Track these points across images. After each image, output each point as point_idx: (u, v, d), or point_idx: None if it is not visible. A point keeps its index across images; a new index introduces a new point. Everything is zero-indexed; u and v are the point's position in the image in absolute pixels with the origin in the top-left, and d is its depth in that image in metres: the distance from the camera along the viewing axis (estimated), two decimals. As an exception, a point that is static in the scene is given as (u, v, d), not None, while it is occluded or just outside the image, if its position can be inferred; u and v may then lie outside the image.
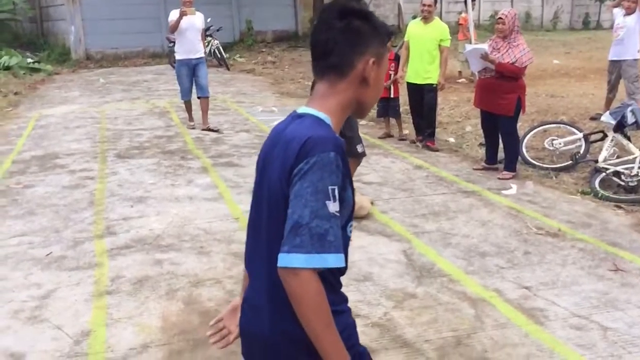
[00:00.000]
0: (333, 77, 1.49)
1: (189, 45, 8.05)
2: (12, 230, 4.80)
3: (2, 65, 14.32)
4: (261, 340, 1.50)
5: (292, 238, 1.31)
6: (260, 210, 1.51)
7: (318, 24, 1.50)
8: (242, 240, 4.47)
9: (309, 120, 1.46)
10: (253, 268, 1.57)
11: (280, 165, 1.41)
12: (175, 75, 8.63)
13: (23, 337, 3.25)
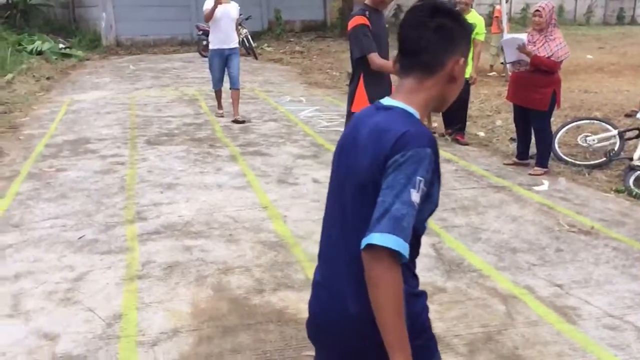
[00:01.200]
0: (421, 74, 1.53)
1: (223, 35, 8.00)
2: (45, 213, 4.88)
3: (35, 50, 14.55)
4: (340, 323, 1.53)
5: (376, 224, 1.35)
6: (341, 196, 1.55)
7: (409, 21, 1.54)
8: (270, 229, 4.52)
9: (400, 112, 1.51)
10: (331, 252, 1.60)
11: (372, 153, 1.45)
12: (207, 64, 8.64)
13: (56, 318, 3.31)
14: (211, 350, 3.02)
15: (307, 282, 3.70)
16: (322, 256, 1.65)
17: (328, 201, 1.65)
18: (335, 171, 1.62)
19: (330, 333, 1.57)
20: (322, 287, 1.62)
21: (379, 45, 4.16)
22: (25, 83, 11.13)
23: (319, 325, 1.63)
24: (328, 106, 9.33)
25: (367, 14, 4.15)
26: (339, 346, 1.56)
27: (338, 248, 1.55)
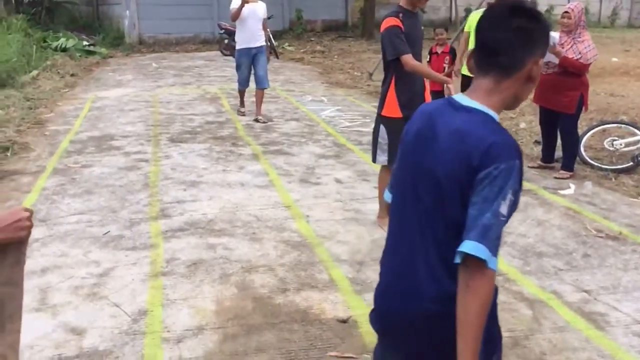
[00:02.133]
0: (500, 75, 1.53)
1: (250, 34, 7.98)
2: (71, 208, 4.94)
3: (60, 47, 14.73)
4: (414, 318, 1.57)
5: (478, 235, 1.40)
6: (416, 193, 1.57)
7: (490, 21, 1.55)
8: (293, 229, 4.52)
9: (481, 116, 1.52)
10: (404, 248, 1.62)
11: (456, 158, 1.48)
12: (229, 63, 8.66)
13: (83, 313, 3.34)
14: (236, 348, 3.02)
15: (331, 283, 3.70)
16: (393, 251, 1.67)
17: (397, 195, 1.67)
18: (406, 166, 1.63)
19: (402, 328, 1.62)
20: (394, 284, 1.65)
21: (412, 47, 4.11)
22: (50, 79, 11.27)
23: (390, 320, 1.66)
24: (349, 106, 9.32)
25: (400, 15, 4.11)
26: (410, 341, 1.62)
27: (412, 244, 1.58)
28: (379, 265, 3.85)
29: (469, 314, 1.41)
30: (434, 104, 1.64)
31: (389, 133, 4.31)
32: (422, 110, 1.65)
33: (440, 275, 1.52)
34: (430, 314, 1.54)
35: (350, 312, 3.34)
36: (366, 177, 5.75)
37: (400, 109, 4.23)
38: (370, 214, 4.77)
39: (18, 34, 12.77)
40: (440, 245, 1.52)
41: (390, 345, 1.72)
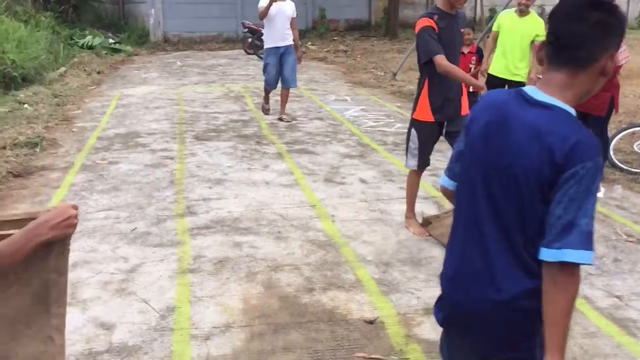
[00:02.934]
0: (575, 69, 1.52)
1: (278, 33, 7.88)
2: (99, 204, 5.00)
3: (86, 45, 14.93)
4: (483, 311, 1.60)
5: (564, 235, 1.43)
6: (487, 188, 1.58)
7: (566, 15, 1.52)
8: (319, 228, 4.52)
9: (561, 114, 1.51)
10: (473, 242, 1.63)
11: (536, 155, 1.48)
12: (251, 61, 8.66)
13: (112, 308, 3.38)
14: (263, 347, 3.03)
15: (357, 283, 3.69)
16: (461, 244, 1.68)
17: (463, 186, 1.68)
18: (475, 158, 1.63)
19: (471, 322, 1.65)
20: (462, 277, 1.66)
21: (445, 49, 4.01)
22: (77, 77, 11.42)
23: (459, 313, 1.69)
24: (373, 106, 9.29)
25: (435, 17, 4.03)
26: (477, 334, 1.65)
27: (483, 238, 1.59)
28: (405, 267, 3.86)
29: (558, 309, 1.46)
30: (502, 96, 1.63)
31: (419, 137, 4.27)
32: (490, 102, 1.64)
33: (513, 269, 1.54)
34: (501, 308, 1.56)
35: (376, 313, 3.33)
36: (391, 178, 5.73)
37: (432, 113, 4.17)
38: (395, 215, 4.75)
39: (46, 31, 12.95)
40: (514, 240, 1.54)
41: (455, 338, 1.75)
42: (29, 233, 1.42)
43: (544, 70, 1.59)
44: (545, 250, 1.46)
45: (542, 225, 1.48)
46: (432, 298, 3.46)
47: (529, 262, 1.52)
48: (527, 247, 1.52)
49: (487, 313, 1.59)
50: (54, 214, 1.48)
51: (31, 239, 1.42)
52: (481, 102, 1.70)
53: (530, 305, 1.53)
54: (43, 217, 1.47)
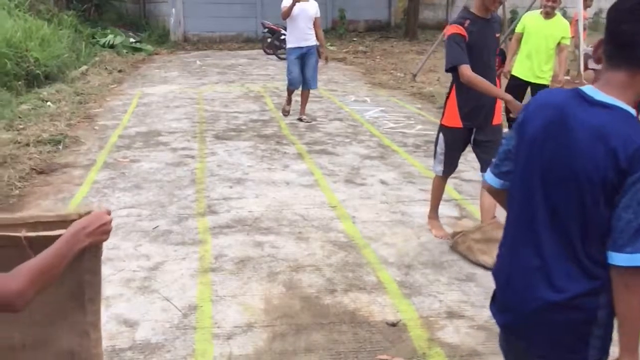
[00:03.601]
0: (634, 68, 1.50)
1: (300, 33, 7.79)
2: (121, 202, 5.03)
3: (107, 44, 15.07)
4: (540, 313, 1.60)
5: (636, 240, 1.43)
6: (545, 189, 1.57)
7: (622, 14, 1.50)
8: (340, 229, 4.50)
9: (623, 115, 1.50)
10: (529, 244, 1.62)
11: (602, 157, 1.46)
12: (271, 61, 8.64)
13: (135, 306, 3.40)
14: (285, 347, 3.02)
15: (379, 285, 3.67)
16: (517, 244, 1.67)
17: (518, 187, 1.67)
18: (532, 159, 1.61)
19: (527, 323, 1.65)
20: (518, 278, 1.66)
21: (477, 56, 3.84)
22: (99, 75, 11.53)
23: (515, 314, 1.69)
24: (393, 107, 9.26)
25: (466, 22, 3.84)
26: (534, 336, 1.65)
27: (540, 240, 1.59)
28: (427, 269, 3.84)
29: (631, 311, 1.47)
30: (558, 96, 1.61)
31: (446, 143, 4.19)
32: (547, 102, 1.62)
33: (572, 271, 1.54)
34: (559, 308, 1.57)
35: (399, 316, 3.31)
36: (412, 180, 5.70)
37: (461, 120, 4.05)
38: (416, 217, 4.73)
39: (68, 30, 13.10)
40: (572, 242, 1.53)
41: (511, 338, 1.76)
42: (69, 243, 1.42)
43: (602, 70, 1.57)
44: (616, 255, 1.46)
45: (605, 228, 1.48)
46: (455, 301, 3.46)
47: (588, 264, 1.52)
48: (586, 249, 1.52)
49: (543, 313, 1.60)
50: (89, 220, 1.48)
51: (71, 247, 1.42)
52: (534, 102, 1.67)
53: (589, 306, 1.54)
54: (80, 224, 1.46)
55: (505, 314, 1.74)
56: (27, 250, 1.44)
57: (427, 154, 6.57)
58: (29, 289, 1.32)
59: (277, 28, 14.94)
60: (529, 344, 1.69)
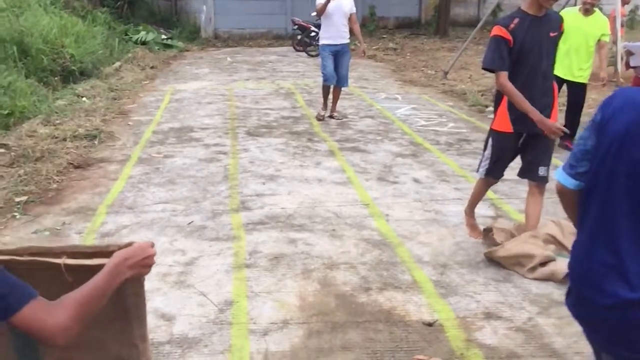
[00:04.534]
0: None
1: (334, 31, 7.70)
2: (156, 197, 5.09)
3: (140, 40, 15.25)
4: (617, 309, 1.58)
5: None
6: (631, 186, 1.56)
7: None
8: (373, 227, 4.49)
9: None
10: (609, 240, 1.61)
11: None
12: (301, 58, 8.59)
13: (172, 300, 3.43)
14: (321, 345, 3.02)
15: (414, 284, 3.64)
16: (594, 240, 1.66)
17: (592, 187, 1.65)
18: (616, 161, 1.59)
19: (601, 318, 1.64)
20: (596, 273, 1.64)
21: (524, 60, 3.64)
22: (132, 71, 11.68)
23: (591, 309, 1.67)
24: (425, 105, 9.18)
25: (513, 23, 3.62)
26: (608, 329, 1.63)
27: (620, 237, 1.58)
28: (462, 269, 3.79)
29: None
30: None
31: (494, 147, 3.99)
32: (629, 101, 1.59)
33: None
34: (633, 306, 1.55)
35: (435, 316, 3.28)
36: (445, 178, 5.64)
37: (512, 124, 3.83)
38: (451, 216, 4.68)
39: (102, 27, 13.29)
40: None
41: (588, 332, 1.75)
42: (111, 274, 1.41)
43: None
44: None
45: None
46: (492, 302, 3.42)
47: None
48: None
49: (618, 310, 1.58)
50: (133, 252, 1.46)
51: (113, 279, 1.41)
52: (616, 101, 1.63)
53: None
54: (123, 255, 1.44)
55: (580, 308, 1.73)
56: (66, 277, 1.44)
57: (460, 153, 6.51)
58: (74, 323, 1.28)
59: (307, 25, 14.95)
60: (600, 340, 1.69)
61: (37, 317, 1.22)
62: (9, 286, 1.26)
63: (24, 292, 1.27)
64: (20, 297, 1.25)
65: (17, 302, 1.24)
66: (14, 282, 1.27)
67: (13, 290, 1.26)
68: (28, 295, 1.27)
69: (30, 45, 9.17)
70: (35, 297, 1.26)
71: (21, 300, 1.25)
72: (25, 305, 1.23)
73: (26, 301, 1.25)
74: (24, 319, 1.23)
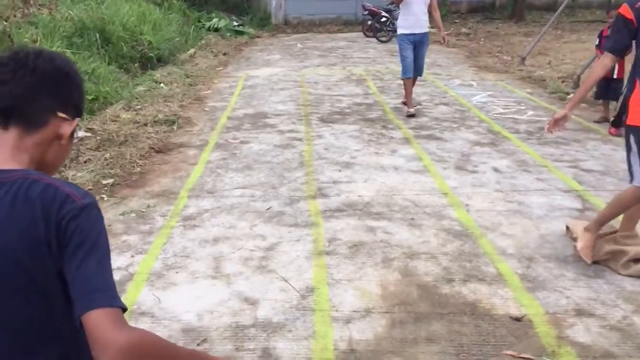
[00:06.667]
0: None
1: (413, 19, 7.30)
2: (234, 182, 5.17)
3: (212, 27, 15.53)
4: None
5: None
6: None
7: None
8: (453, 217, 4.38)
9: None
10: None
11: None
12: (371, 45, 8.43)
13: (254, 284, 3.47)
14: (405, 335, 2.98)
15: (499, 277, 3.53)
16: None
17: None
18: None
19: None
20: None
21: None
22: (205, 58, 11.91)
23: None
24: (502, 92, 8.89)
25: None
26: None
27: None
28: (550, 263, 3.65)
29: None
30: None
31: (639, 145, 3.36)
32: None
33: None
34: None
35: (523, 311, 3.17)
36: (527, 168, 5.44)
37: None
38: (535, 208, 4.51)
39: (177, 14, 13.61)
40: None
41: None
42: (193, 357, 1.28)
43: None
44: None
45: None
46: (583, 299, 3.27)
47: None
48: None
49: None
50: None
51: None
52: None
53: None
54: None
55: None
56: None
57: (541, 142, 6.26)
58: (130, 351, 1.06)
59: (378, 10, 14.77)
60: None
61: (104, 325, 1.07)
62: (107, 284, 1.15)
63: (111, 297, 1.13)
64: (103, 299, 1.11)
65: (97, 302, 1.10)
66: (110, 284, 1.15)
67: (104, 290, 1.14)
68: (111, 299, 1.13)
69: (111, 32, 9.49)
70: (118, 307, 1.11)
71: (102, 302, 1.11)
72: (102, 308, 1.09)
73: (105, 305, 1.11)
74: (91, 320, 1.08)
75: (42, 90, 1.22)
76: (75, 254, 1.13)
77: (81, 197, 1.17)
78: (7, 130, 1.23)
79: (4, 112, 1.22)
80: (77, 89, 1.31)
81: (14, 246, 1.13)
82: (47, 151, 1.26)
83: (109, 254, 1.18)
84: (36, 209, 1.13)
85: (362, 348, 2.88)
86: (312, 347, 2.89)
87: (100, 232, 1.17)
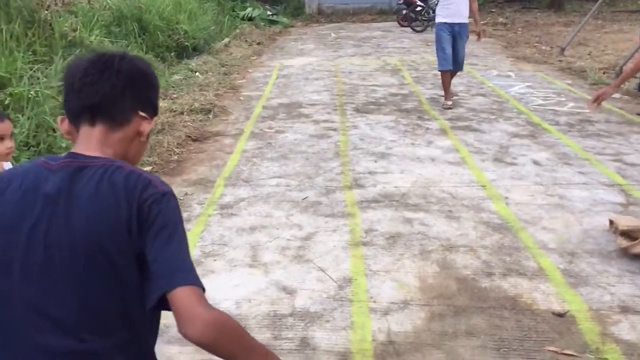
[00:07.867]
0: None
1: (454, 8, 7.03)
2: (270, 171, 5.17)
3: (246, 16, 15.57)
4: None
5: None
6: None
7: None
8: (491, 210, 4.30)
9: None
10: None
11: None
12: (406, 34, 8.29)
13: (292, 274, 3.47)
14: (445, 329, 2.95)
15: (540, 272, 3.46)
16: None
17: None
18: None
19: None
20: None
21: None
22: (240, 47, 11.95)
23: None
24: (541, 83, 8.70)
25: None
26: None
27: None
28: (593, 259, 3.57)
29: None
30: None
31: None
32: None
33: None
34: None
35: (565, 307, 3.10)
36: (567, 161, 5.32)
37: None
38: (577, 202, 4.41)
39: (212, 3, 13.67)
40: None
41: None
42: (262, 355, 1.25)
43: None
44: None
45: None
46: (628, 295, 3.19)
47: None
48: None
49: None
50: None
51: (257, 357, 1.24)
52: None
53: None
54: None
55: None
56: None
57: (582, 134, 6.11)
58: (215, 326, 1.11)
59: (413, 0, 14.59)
60: None
61: (191, 300, 1.13)
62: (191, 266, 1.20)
63: (195, 277, 1.19)
64: (188, 278, 1.16)
65: (183, 280, 1.15)
66: (193, 267, 1.20)
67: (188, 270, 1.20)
68: (195, 279, 1.18)
69: (148, 22, 9.58)
70: (202, 287, 1.17)
71: (188, 280, 1.16)
72: (188, 286, 1.15)
73: (191, 283, 1.16)
74: (177, 295, 1.13)
75: (126, 91, 1.30)
76: (158, 235, 1.18)
77: (162, 185, 1.25)
78: (94, 127, 1.30)
79: (91, 110, 1.29)
80: (155, 90, 1.39)
81: (97, 228, 1.18)
82: (129, 147, 1.33)
83: (188, 242, 1.23)
84: (119, 192, 1.19)
85: (400, 340, 2.86)
86: (350, 338, 2.88)
87: (179, 220, 1.23)
